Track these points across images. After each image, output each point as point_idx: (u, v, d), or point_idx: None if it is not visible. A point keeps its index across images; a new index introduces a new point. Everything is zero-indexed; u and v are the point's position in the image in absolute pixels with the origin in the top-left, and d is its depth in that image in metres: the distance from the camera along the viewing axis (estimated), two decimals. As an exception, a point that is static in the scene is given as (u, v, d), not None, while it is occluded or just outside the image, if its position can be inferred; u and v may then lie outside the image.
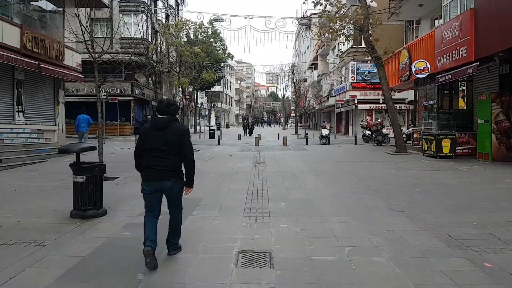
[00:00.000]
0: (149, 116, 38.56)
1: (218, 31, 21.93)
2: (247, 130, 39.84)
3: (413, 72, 16.62)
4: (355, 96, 33.91)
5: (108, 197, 7.60)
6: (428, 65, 16.21)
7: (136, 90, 34.38)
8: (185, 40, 25.01)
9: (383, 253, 4.67)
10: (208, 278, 3.97)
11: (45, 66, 15.89)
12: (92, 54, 10.60)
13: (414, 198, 7.77)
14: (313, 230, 5.59)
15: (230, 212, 6.70)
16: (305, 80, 56.88)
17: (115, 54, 11.04)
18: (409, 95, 29.91)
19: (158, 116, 4.56)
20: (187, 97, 19.56)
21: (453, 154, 14.52)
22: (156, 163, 4.43)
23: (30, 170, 11.85)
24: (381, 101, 33.51)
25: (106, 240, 5.19)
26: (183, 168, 4.57)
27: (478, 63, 13.05)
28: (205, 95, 58.93)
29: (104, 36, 11.10)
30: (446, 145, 14.53)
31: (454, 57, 14.55)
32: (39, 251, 4.75)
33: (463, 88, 17.75)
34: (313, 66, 53.45)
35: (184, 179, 4.61)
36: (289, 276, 4.02)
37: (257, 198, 7.89)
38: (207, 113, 54.81)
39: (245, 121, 45.68)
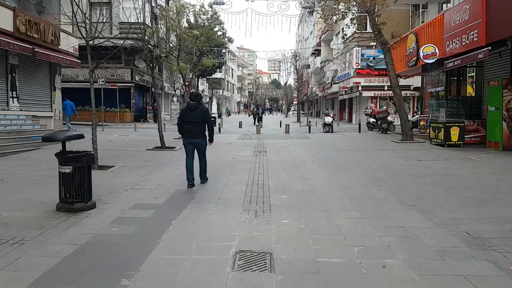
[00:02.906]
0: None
1: (218, 14, 21.25)
2: (257, 118, 35.04)
3: (421, 57, 16.01)
4: (359, 82, 33.22)
5: (100, 187, 7.18)
6: (437, 50, 15.59)
7: (136, 77, 33.81)
8: (186, 25, 24.36)
9: (396, 254, 4.21)
10: (201, 284, 3.52)
11: (40, 50, 15.37)
12: (85, 37, 10.07)
13: (425, 190, 7.29)
14: (317, 227, 5.14)
15: (228, 205, 6.24)
16: (308, 66, 56.07)
17: (110, 38, 10.51)
18: (414, 81, 29.29)
19: (190, 102, 7.77)
20: (187, 83, 19.01)
21: (461, 142, 14.01)
22: (191, 129, 7.56)
23: (23, 158, 11.41)
24: (386, 88, 32.90)
25: (91, 237, 4.73)
26: (206, 133, 7.73)
27: (490, 48, 12.46)
28: (206, 82, 58.33)
29: (103, 21, 10.63)
30: (454, 133, 14.01)
31: (464, 41, 13.94)
32: (16, 250, 4.30)
33: (472, 74, 17.15)
34: (316, 52, 52.60)
35: (207, 138, 7.82)
36: (292, 282, 3.56)
37: (257, 189, 7.43)
38: (208, 100, 54.24)
39: (255, 109, 40.15)
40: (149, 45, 13.72)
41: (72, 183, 5.79)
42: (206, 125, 7.66)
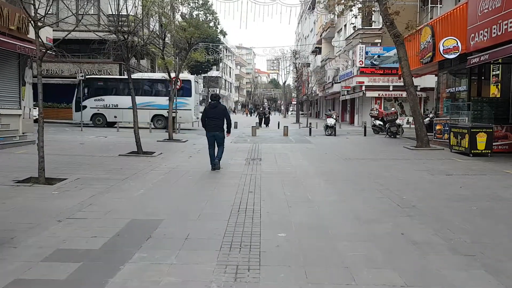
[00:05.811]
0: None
1: (210, 2, 19.15)
2: (263, 120, 30.90)
3: (441, 51, 13.92)
4: (363, 82, 31.16)
5: (26, 216, 5.18)
6: (459, 44, 13.55)
7: (125, 73, 31.70)
8: (180, 20, 22.27)
9: None
10: None
11: (2, 39, 13.30)
12: (32, 16, 7.99)
13: (477, 226, 5.22)
14: (336, 308, 3.07)
15: (197, 253, 4.17)
16: (308, 65, 53.99)
17: (61, 22, 8.55)
18: (421, 81, 27.23)
19: (212, 101, 9.55)
20: (173, 79, 16.93)
21: (489, 151, 11.99)
22: (212, 123, 9.39)
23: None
24: (391, 88, 30.97)
25: None
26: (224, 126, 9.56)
27: (530, 40, 10.45)
28: (202, 80, 56.16)
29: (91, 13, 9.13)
30: (481, 140, 11.98)
31: (494, 33, 11.91)
32: None
33: (497, 72, 15.12)
34: (317, 50, 50.56)
35: (225, 131, 9.63)
36: None
37: (244, 220, 5.36)
38: (201, 98, 52.02)
39: (260, 109, 34.68)
40: (122, 33, 11.65)
41: (-48, 222, 3.73)
42: (225, 120, 9.37)
